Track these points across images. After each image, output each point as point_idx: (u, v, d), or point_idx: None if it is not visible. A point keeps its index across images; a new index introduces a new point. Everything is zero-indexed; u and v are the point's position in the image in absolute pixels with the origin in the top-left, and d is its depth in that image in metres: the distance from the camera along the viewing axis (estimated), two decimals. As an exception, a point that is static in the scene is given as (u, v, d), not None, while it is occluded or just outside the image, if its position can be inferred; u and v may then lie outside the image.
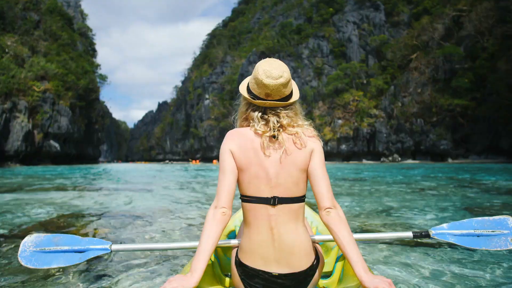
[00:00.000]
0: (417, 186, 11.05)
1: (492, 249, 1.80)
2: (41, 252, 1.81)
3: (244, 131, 1.68)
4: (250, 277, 1.61)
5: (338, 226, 1.54)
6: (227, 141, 1.67)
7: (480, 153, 52.52)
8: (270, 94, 1.64)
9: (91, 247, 1.86)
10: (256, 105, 1.69)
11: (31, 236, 1.86)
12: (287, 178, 1.60)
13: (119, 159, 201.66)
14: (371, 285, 1.40)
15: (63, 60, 63.77)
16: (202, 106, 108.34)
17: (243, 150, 1.62)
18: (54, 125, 58.16)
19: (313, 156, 1.63)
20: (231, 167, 1.62)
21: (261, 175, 1.60)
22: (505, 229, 1.83)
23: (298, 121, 1.69)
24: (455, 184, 11.63)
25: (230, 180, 1.61)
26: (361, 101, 69.44)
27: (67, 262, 1.81)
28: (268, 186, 1.59)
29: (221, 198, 1.59)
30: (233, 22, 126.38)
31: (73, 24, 80.00)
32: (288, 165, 1.60)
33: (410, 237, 1.94)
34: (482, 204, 6.64)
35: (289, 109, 1.70)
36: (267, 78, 1.62)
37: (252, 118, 1.68)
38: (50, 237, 1.86)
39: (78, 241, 1.87)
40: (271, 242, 1.58)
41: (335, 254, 2.23)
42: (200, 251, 1.52)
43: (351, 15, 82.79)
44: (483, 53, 54.77)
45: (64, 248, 1.83)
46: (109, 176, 20.40)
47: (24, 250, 1.80)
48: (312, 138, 1.67)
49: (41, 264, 1.78)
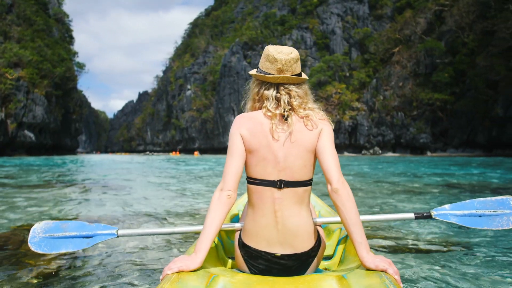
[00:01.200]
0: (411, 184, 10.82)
1: (494, 229, 1.83)
2: (50, 238, 1.87)
3: (254, 114, 1.68)
4: (253, 258, 1.65)
5: (346, 204, 1.53)
6: (237, 124, 1.67)
7: (458, 147, 53.59)
8: (282, 69, 1.67)
9: (99, 233, 1.91)
10: (268, 83, 1.71)
11: (41, 223, 1.92)
12: (295, 161, 1.61)
13: (98, 150, 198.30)
14: (372, 265, 1.43)
15: (38, 47, 61.29)
16: (184, 96, 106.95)
17: (253, 134, 1.63)
18: (28, 114, 55.97)
19: (321, 135, 1.64)
20: (240, 151, 1.63)
21: (269, 158, 1.61)
22: (507, 208, 1.85)
23: (308, 103, 1.70)
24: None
25: (237, 163, 1.62)
26: (344, 94, 69.67)
27: (76, 247, 1.87)
28: (276, 169, 1.61)
29: (227, 181, 1.60)
30: (216, 12, 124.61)
31: (49, 9, 76.90)
32: (297, 147, 1.61)
33: (412, 218, 1.95)
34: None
35: (300, 88, 1.71)
36: (278, 54, 1.68)
37: (266, 97, 1.69)
38: (58, 224, 1.91)
39: (86, 227, 1.92)
40: (275, 225, 1.61)
41: (337, 236, 2.29)
42: (205, 233, 1.55)
43: (335, 7, 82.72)
44: (463, 49, 55.52)
45: (73, 234, 1.88)
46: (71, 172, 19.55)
47: (34, 236, 1.86)
48: (323, 121, 1.67)
49: (50, 249, 1.84)
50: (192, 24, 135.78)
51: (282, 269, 1.64)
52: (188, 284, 1.32)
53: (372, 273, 1.40)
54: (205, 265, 1.61)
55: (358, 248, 1.50)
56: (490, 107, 47.45)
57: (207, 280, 1.40)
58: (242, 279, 1.49)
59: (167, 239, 3.72)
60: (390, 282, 1.27)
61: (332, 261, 2.07)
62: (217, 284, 1.38)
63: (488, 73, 47.36)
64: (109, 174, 15.10)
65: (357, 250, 1.50)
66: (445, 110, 56.13)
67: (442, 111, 56.53)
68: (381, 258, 1.45)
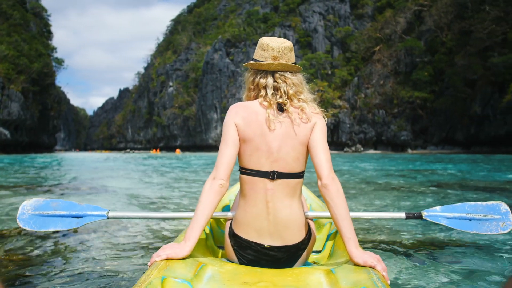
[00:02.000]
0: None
1: (482, 233, 1.84)
2: (39, 215, 1.84)
3: (249, 104, 1.67)
4: (243, 248, 1.64)
5: (336, 199, 1.53)
6: (232, 113, 1.65)
7: (438, 144, 54.78)
8: (277, 57, 1.67)
9: (89, 213, 1.89)
10: (264, 71, 1.70)
11: (31, 200, 1.88)
12: (288, 152, 1.60)
13: (77, 147, 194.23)
14: (360, 260, 1.43)
15: (14, 41, 59.39)
16: (166, 93, 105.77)
17: (248, 123, 1.61)
18: (3, 111, 54.16)
19: (314, 129, 1.63)
20: (233, 140, 1.62)
21: (262, 149, 1.60)
22: (497, 214, 1.86)
23: (304, 93, 1.70)
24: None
25: (231, 153, 1.61)
26: (326, 92, 70.15)
27: (64, 226, 1.85)
28: (269, 160, 1.59)
29: (220, 170, 1.59)
30: (198, 9, 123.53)
31: (26, 3, 74.64)
32: (290, 139, 1.60)
33: (403, 217, 1.95)
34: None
35: (295, 77, 1.71)
36: (272, 42, 1.69)
37: (262, 86, 1.68)
38: (48, 202, 1.89)
39: (76, 207, 1.90)
40: (266, 216, 1.60)
41: (327, 230, 2.29)
42: (195, 221, 1.54)
43: (317, 5, 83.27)
44: (442, 48, 56.74)
45: (62, 213, 1.86)
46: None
47: (23, 212, 1.83)
48: (316, 114, 1.67)
49: (39, 227, 1.82)
50: (174, 20, 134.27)
51: (271, 261, 1.64)
52: (176, 272, 1.31)
53: (360, 268, 1.40)
54: (194, 253, 1.60)
55: (347, 244, 1.50)
56: (468, 105, 48.64)
57: (195, 268, 1.39)
58: (230, 269, 1.49)
59: (157, 227, 3.68)
60: (378, 278, 1.27)
61: (321, 255, 2.08)
62: (205, 273, 1.38)
63: (466, 72, 48.53)
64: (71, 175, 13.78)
65: (346, 245, 1.50)
66: (425, 108, 57.29)
67: (422, 109, 57.67)
68: (370, 254, 1.45)
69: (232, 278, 1.37)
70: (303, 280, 1.36)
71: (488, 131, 45.29)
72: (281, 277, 1.39)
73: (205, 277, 1.35)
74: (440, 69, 55.63)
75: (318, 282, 1.35)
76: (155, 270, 1.29)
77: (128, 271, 2.42)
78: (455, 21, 54.67)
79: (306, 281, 1.36)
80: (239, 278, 1.38)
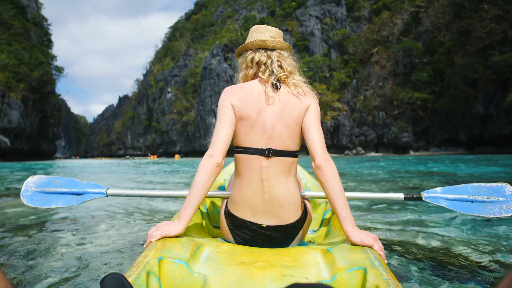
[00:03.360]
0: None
1: (485, 216, 1.77)
2: (42, 192, 1.88)
3: (244, 85, 1.68)
4: (239, 227, 1.64)
5: (330, 180, 1.52)
6: (227, 95, 1.65)
7: (440, 145, 54.62)
8: (275, 37, 1.75)
9: (88, 191, 1.93)
10: (264, 49, 1.74)
11: (34, 177, 1.92)
12: (283, 130, 1.61)
13: (77, 155, 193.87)
14: (357, 240, 1.43)
15: (14, 50, 59.66)
16: (165, 99, 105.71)
17: (244, 102, 1.61)
18: (3, 119, 54.18)
19: (308, 110, 1.64)
20: (230, 119, 1.61)
21: (258, 126, 1.60)
22: (501, 196, 1.79)
23: (296, 73, 1.74)
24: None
25: (227, 131, 1.60)
26: (325, 94, 70.22)
27: (66, 203, 1.88)
28: (264, 138, 1.60)
29: (216, 148, 1.57)
30: (196, 15, 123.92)
31: (27, 13, 75.02)
32: (285, 117, 1.61)
33: (401, 198, 1.92)
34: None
35: (291, 58, 1.76)
36: (268, 26, 1.76)
37: (263, 62, 1.71)
38: (51, 179, 1.92)
39: (77, 184, 1.94)
40: (261, 194, 1.59)
41: (322, 210, 2.29)
42: (189, 199, 1.53)
43: (313, 9, 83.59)
44: (440, 48, 56.88)
45: (64, 190, 1.90)
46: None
47: (26, 189, 1.87)
48: (310, 96, 1.68)
49: (41, 204, 1.85)
50: (173, 27, 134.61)
51: (267, 240, 1.64)
52: (173, 252, 1.31)
53: (357, 248, 1.40)
54: (190, 233, 1.61)
55: (343, 223, 1.49)
56: (470, 105, 48.53)
57: (192, 248, 1.39)
58: (227, 249, 1.49)
59: (154, 204, 3.83)
60: (375, 257, 1.27)
61: (317, 234, 2.07)
62: (202, 253, 1.39)
63: (466, 71, 48.54)
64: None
65: (342, 224, 1.49)
66: (426, 109, 57.28)
67: (422, 110, 57.68)
68: (367, 234, 1.45)
69: (229, 258, 1.38)
70: (300, 259, 1.36)
71: (492, 131, 44.89)
72: (278, 257, 1.40)
73: (201, 257, 1.35)
74: (439, 69, 55.72)
75: (315, 261, 1.34)
76: (152, 251, 1.30)
77: (125, 252, 2.44)
78: (453, 21, 54.89)
79: (303, 260, 1.35)
80: (236, 258, 1.38)
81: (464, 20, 51.53)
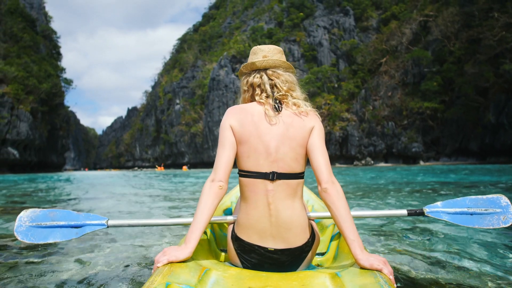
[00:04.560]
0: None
1: (484, 227, 1.81)
2: (37, 227, 1.78)
3: (245, 106, 1.69)
4: (246, 251, 1.63)
5: (336, 203, 1.52)
6: (227, 116, 1.67)
7: (450, 155, 53.53)
8: (267, 55, 1.73)
9: (88, 223, 1.85)
10: (256, 70, 1.74)
11: (27, 211, 1.82)
12: (287, 153, 1.60)
13: (86, 166, 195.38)
14: (366, 264, 1.41)
15: (24, 63, 60.31)
16: (173, 111, 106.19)
17: (243, 124, 1.62)
18: (12, 131, 54.57)
19: (313, 132, 1.63)
20: (230, 142, 1.62)
21: (260, 149, 1.59)
22: (497, 207, 1.84)
23: (296, 90, 1.72)
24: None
25: (228, 154, 1.61)
26: (333, 105, 69.75)
27: (64, 237, 1.80)
28: (268, 161, 1.59)
29: (218, 172, 1.59)
30: (203, 27, 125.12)
31: (36, 26, 76.26)
32: (288, 139, 1.60)
33: (405, 214, 1.95)
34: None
35: (288, 74, 1.74)
36: (262, 46, 1.77)
37: (257, 84, 1.71)
38: (46, 212, 1.83)
39: (75, 217, 1.86)
40: (268, 218, 1.58)
41: (330, 232, 2.25)
42: (195, 223, 1.53)
43: (321, 20, 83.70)
44: (450, 57, 56.12)
45: (61, 223, 1.81)
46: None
47: (20, 225, 1.77)
48: (311, 114, 1.67)
49: (37, 239, 1.76)
50: (181, 39, 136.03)
51: (275, 264, 1.61)
52: (180, 277, 1.31)
53: (366, 272, 1.38)
54: (197, 257, 1.59)
55: (352, 246, 1.47)
56: (481, 114, 47.59)
57: (199, 273, 1.39)
58: (234, 274, 1.46)
59: (160, 228, 3.80)
60: (385, 282, 1.27)
61: (325, 257, 2.06)
62: (209, 278, 1.38)
63: (477, 80, 47.69)
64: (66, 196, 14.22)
65: (351, 248, 1.48)
66: (436, 119, 56.33)
67: (432, 120, 56.72)
68: (376, 257, 1.43)
69: (236, 283, 1.35)
70: (308, 284, 1.34)
71: (504, 140, 43.94)
72: (286, 281, 1.38)
73: (209, 282, 1.34)
74: (449, 78, 54.88)
75: (324, 286, 1.32)
76: (159, 276, 1.28)
77: (131, 277, 2.37)
78: (462, 30, 54.23)
79: (311, 285, 1.34)
80: (244, 283, 1.36)
81: (473, 29, 50.81)
